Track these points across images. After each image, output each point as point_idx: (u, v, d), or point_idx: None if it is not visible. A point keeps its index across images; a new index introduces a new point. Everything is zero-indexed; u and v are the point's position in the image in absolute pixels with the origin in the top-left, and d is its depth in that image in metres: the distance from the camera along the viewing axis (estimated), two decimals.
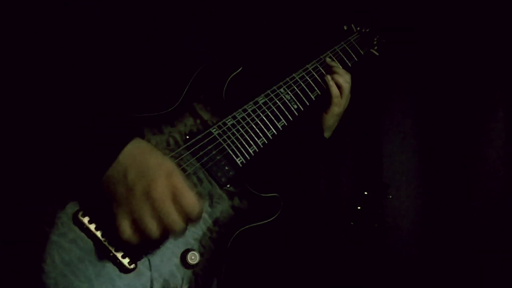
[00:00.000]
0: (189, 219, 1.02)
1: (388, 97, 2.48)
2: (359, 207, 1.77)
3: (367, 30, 1.77)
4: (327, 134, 1.61)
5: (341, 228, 2.52)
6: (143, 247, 1.05)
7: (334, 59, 1.59)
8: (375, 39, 1.78)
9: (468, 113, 2.26)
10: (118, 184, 0.97)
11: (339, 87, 1.52)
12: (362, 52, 1.71)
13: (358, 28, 1.76)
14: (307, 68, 1.53)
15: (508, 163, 2.17)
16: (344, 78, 1.52)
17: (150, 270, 1.10)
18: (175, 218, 0.98)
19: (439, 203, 2.37)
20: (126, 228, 0.98)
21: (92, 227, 1.04)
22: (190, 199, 0.99)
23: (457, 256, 2.25)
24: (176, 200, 0.99)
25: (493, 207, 2.16)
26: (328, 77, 1.51)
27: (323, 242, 2.67)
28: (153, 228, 0.97)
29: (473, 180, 2.20)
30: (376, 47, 1.79)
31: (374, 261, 2.45)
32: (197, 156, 1.22)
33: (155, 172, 0.98)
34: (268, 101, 1.40)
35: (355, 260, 1.94)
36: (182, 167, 1.18)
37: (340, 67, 1.57)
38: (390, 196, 1.77)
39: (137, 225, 0.97)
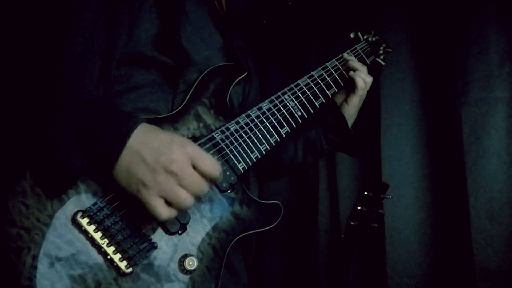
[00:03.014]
0: (211, 180, 1.04)
1: (388, 97, 2.49)
2: (359, 207, 1.76)
3: (374, 38, 1.76)
4: (350, 123, 1.64)
5: (341, 229, 2.52)
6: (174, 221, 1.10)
7: (341, 63, 1.60)
8: (381, 48, 1.77)
9: (467, 111, 2.25)
10: (140, 169, 0.98)
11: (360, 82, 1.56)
12: (368, 62, 1.70)
13: (365, 37, 1.75)
14: (313, 75, 1.52)
15: (507, 162, 2.16)
16: (366, 73, 1.57)
17: (147, 274, 1.09)
18: (199, 182, 1.01)
19: (439, 202, 2.37)
20: (162, 209, 0.99)
21: (90, 229, 1.04)
22: (208, 161, 1.02)
23: (457, 255, 2.25)
24: (195, 166, 1.01)
25: (492, 206, 2.16)
26: (352, 72, 1.56)
27: (322, 243, 2.67)
28: (184, 197, 0.99)
29: (472, 180, 2.19)
30: (382, 57, 1.78)
31: (374, 261, 2.45)
32: None
33: (169, 147, 0.99)
34: (272, 107, 1.38)
35: (355, 260, 1.93)
36: None
37: (358, 62, 1.60)
38: (390, 196, 1.77)
39: (168, 201, 1.00)
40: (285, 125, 1.39)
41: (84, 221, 1.03)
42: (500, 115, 2.19)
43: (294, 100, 1.44)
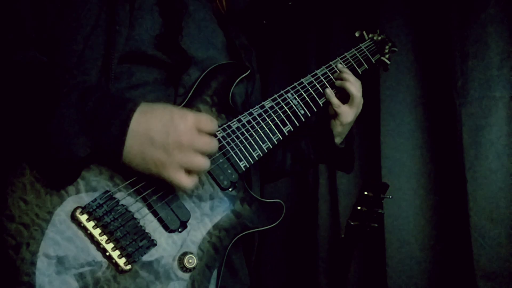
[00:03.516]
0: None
1: (388, 97, 2.49)
2: (359, 207, 1.76)
3: (379, 37, 1.75)
4: (337, 140, 1.58)
5: (341, 228, 2.52)
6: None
7: (345, 66, 1.57)
8: (387, 47, 1.76)
9: (467, 111, 2.25)
10: (154, 152, 1.02)
11: (350, 95, 1.50)
12: (373, 60, 1.68)
13: (370, 35, 1.74)
14: (316, 74, 1.51)
15: (507, 162, 2.16)
16: (356, 87, 1.50)
17: (146, 272, 1.08)
18: (209, 142, 1.07)
19: (439, 202, 2.37)
20: (186, 181, 1.05)
21: (89, 225, 1.03)
22: (207, 121, 1.08)
23: (457, 255, 2.24)
24: (200, 129, 1.06)
25: (492, 206, 2.16)
26: (328, 90, 1.49)
27: (322, 243, 2.67)
28: (202, 161, 1.06)
29: (472, 180, 2.19)
30: (387, 55, 1.77)
31: (374, 261, 2.44)
32: None
33: (172, 122, 1.04)
34: (274, 106, 1.38)
35: (355, 260, 1.94)
36: None
37: (352, 74, 1.54)
38: (391, 196, 1.77)
39: (189, 170, 1.06)
40: (288, 123, 1.39)
41: (83, 218, 1.02)
42: (500, 115, 2.19)
43: (297, 98, 1.43)
